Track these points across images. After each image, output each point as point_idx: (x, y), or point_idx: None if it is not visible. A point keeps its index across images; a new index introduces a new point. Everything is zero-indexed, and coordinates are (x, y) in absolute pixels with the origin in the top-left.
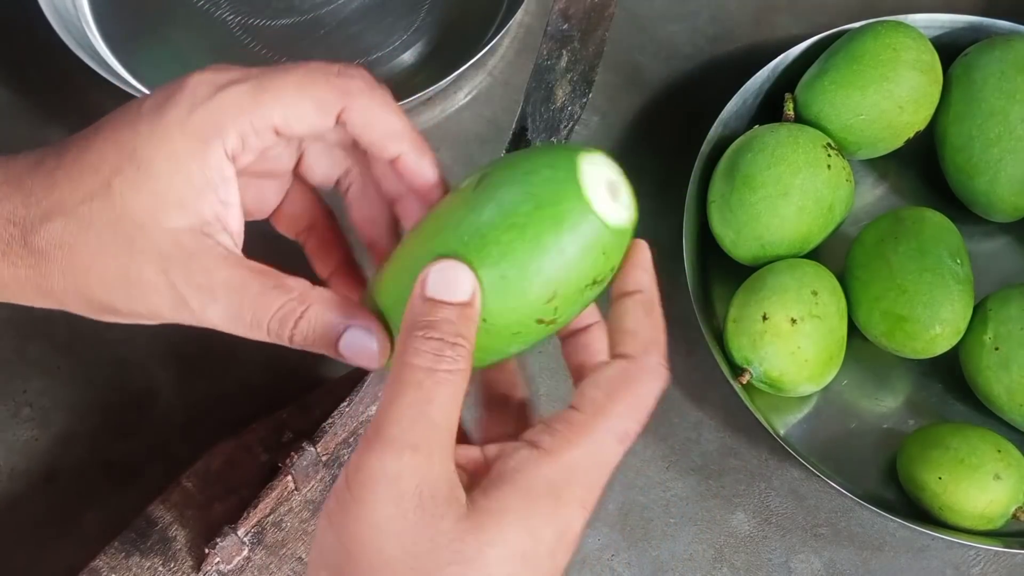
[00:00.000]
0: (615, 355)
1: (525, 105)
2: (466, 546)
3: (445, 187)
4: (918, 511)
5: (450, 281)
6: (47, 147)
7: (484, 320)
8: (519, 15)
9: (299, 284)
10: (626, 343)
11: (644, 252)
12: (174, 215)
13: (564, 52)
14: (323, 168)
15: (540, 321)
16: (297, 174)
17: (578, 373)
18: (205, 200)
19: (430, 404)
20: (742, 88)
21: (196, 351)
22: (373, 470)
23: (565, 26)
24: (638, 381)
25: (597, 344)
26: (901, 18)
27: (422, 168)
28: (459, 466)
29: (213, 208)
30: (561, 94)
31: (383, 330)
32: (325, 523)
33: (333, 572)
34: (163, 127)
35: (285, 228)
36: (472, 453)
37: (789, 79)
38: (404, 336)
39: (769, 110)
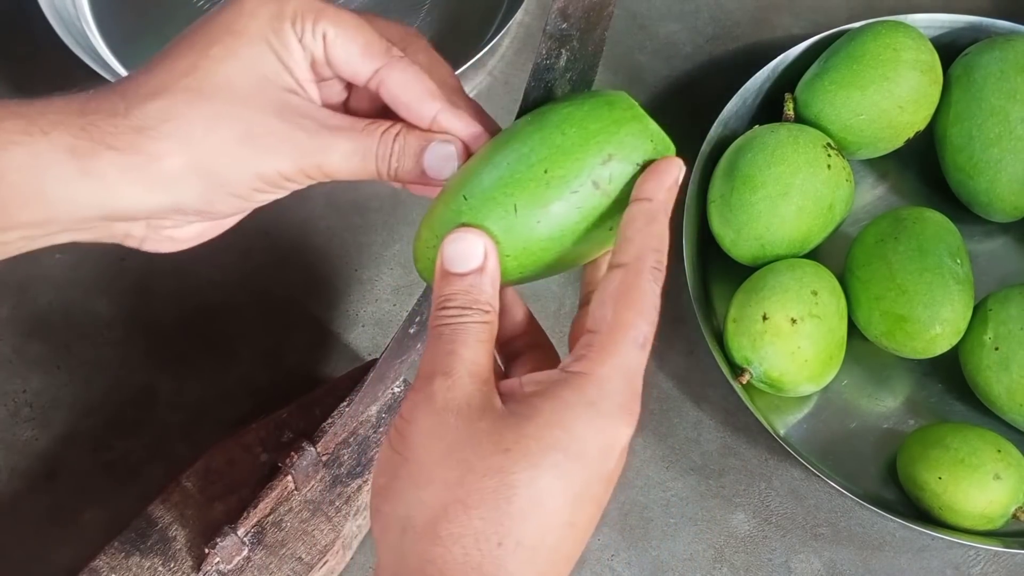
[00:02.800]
0: (613, 265)
1: (525, 105)
2: (504, 438)
3: (490, 130)
4: (918, 511)
5: (461, 252)
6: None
7: (546, 172)
8: (519, 15)
9: (383, 120)
10: (623, 251)
11: (668, 166)
12: (275, 76)
13: (563, 51)
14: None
15: (595, 184)
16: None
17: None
18: (296, 67)
19: (455, 344)
20: (742, 88)
21: (196, 351)
22: (416, 398)
23: (564, 25)
24: (638, 287)
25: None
26: (901, 18)
27: (457, 127)
28: (498, 392)
29: (302, 74)
30: (561, 93)
31: (460, 140)
32: (385, 445)
33: (391, 476)
34: (249, 8)
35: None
36: (511, 383)
37: (789, 79)
38: (432, 309)
39: (769, 110)
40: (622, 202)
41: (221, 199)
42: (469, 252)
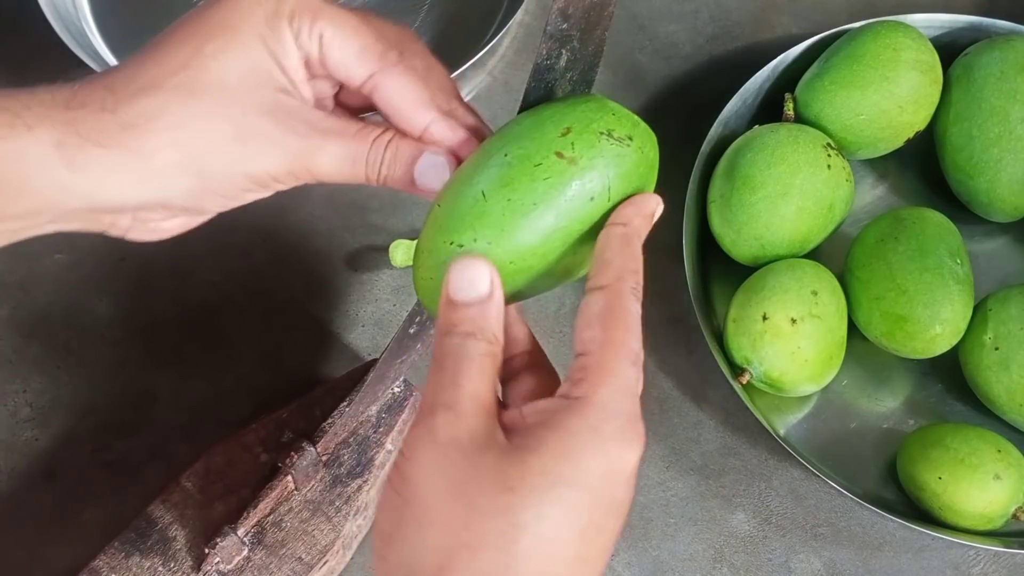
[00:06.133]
0: (593, 287)
1: (525, 105)
2: (508, 476)
3: (480, 135)
4: (918, 511)
5: (468, 281)
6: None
7: (506, 155)
8: (519, 15)
9: (378, 122)
10: (603, 273)
11: (647, 198)
12: (269, 75)
13: (564, 51)
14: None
15: (559, 154)
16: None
17: None
18: (291, 67)
19: (459, 375)
20: (742, 88)
21: (196, 351)
22: (418, 433)
23: (565, 25)
24: (622, 307)
25: None
26: (901, 18)
27: (448, 137)
28: (500, 424)
29: (296, 74)
30: (561, 93)
31: (452, 155)
32: (387, 487)
33: (393, 520)
34: (246, 3)
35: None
36: (512, 414)
37: (789, 79)
38: (436, 337)
39: (769, 110)
40: (592, 171)
41: (208, 198)
42: (476, 280)
